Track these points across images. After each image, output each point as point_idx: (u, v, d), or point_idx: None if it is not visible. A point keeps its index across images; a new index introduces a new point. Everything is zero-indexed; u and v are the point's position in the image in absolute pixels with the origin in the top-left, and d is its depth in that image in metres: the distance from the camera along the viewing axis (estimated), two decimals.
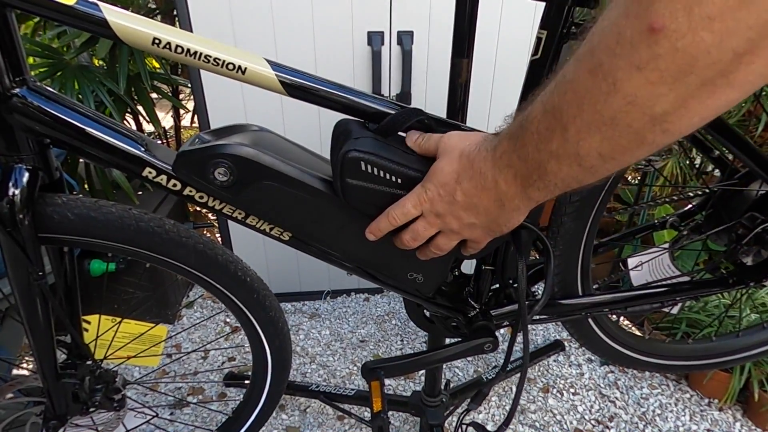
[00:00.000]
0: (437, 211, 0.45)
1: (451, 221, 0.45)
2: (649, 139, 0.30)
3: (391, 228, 0.49)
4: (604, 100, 0.29)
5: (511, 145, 0.38)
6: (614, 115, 0.29)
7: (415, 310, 0.74)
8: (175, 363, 1.48)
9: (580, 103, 0.30)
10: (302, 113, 1.37)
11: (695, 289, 0.63)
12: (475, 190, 0.42)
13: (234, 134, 0.51)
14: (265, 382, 0.76)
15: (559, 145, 0.33)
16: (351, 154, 0.46)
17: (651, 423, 1.30)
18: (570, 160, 0.33)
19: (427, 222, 0.47)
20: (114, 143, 0.48)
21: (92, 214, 0.53)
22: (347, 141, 0.48)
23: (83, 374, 0.62)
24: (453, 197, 0.43)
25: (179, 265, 0.60)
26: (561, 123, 0.32)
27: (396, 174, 0.48)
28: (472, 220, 0.44)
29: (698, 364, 0.76)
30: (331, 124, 0.54)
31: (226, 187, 0.49)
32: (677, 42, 0.25)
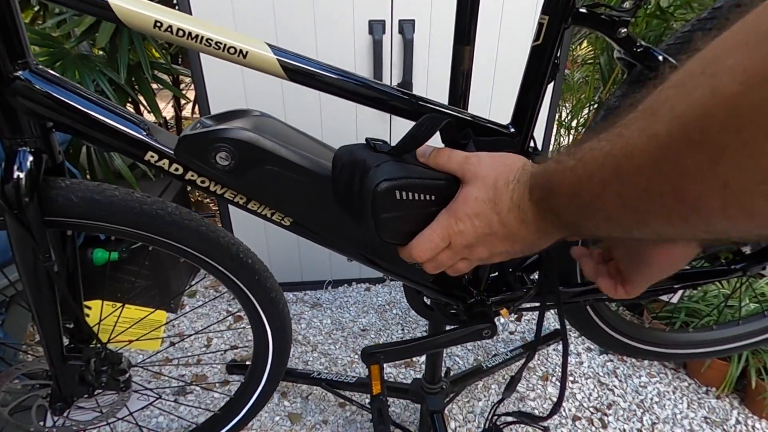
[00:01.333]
0: (468, 242, 0.41)
1: (481, 251, 0.41)
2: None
3: (413, 262, 0.45)
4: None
5: (551, 198, 0.33)
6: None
7: (415, 297, 0.75)
8: (178, 351, 1.49)
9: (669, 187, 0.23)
10: (303, 100, 1.36)
11: (694, 278, 0.64)
12: (516, 222, 0.37)
13: (236, 119, 0.52)
14: (266, 362, 0.77)
15: (619, 221, 0.28)
16: (382, 186, 0.41)
17: (649, 410, 1.31)
18: (623, 230, 0.29)
19: (453, 253, 0.42)
20: (116, 127, 0.49)
21: (96, 197, 0.54)
22: (367, 173, 0.42)
23: (89, 356, 0.63)
24: (490, 228, 0.39)
25: (182, 248, 0.60)
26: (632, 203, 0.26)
27: (430, 191, 0.42)
28: (505, 249, 0.40)
29: (699, 352, 0.77)
30: (332, 110, 0.54)
31: (227, 171, 0.49)
32: None
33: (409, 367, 1.45)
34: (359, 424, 1.25)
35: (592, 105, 2.12)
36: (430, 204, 0.43)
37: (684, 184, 0.23)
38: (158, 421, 1.20)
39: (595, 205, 0.29)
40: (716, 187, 0.21)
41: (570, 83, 2.36)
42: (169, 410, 1.23)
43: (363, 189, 0.42)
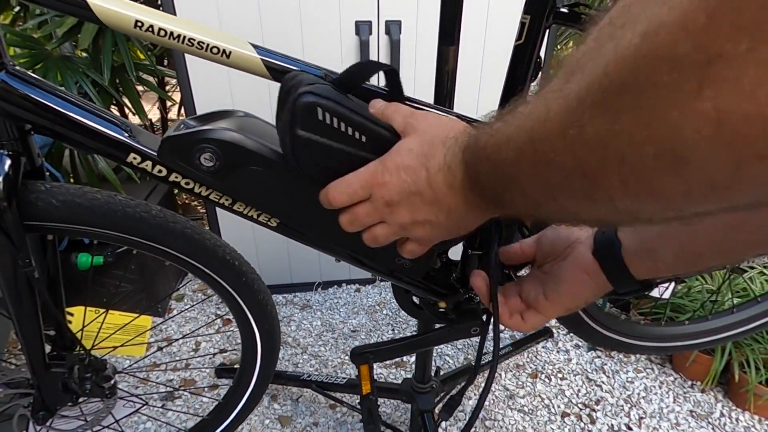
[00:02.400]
0: (390, 197, 0.37)
1: (402, 214, 0.37)
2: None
3: (329, 207, 0.42)
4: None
5: (477, 163, 0.31)
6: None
7: (404, 296, 0.75)
8: (166, 355, 1.47)
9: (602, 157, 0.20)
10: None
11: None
12: (444, 185, 0.34)
13: (220, 120, 0.51)
14: (254, 365, 0.76)
15: (546, 200, 0.26)
16: (304, 98, 0.38)
17: (636, 405, 1.33)
18: (559, 210, 0.26)
19: (373, 207, 0.39)
20: (97, 128, 0.48)
21: (77, 200, 0.53)
22: (299, 88, 0.39)
23: (72, 363, 0.62)
24: (416, 186, 0.35)
25: (167, 251, 0.60)
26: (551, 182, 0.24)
27: (362, 130, 0.39)
28: (428, 217, 0.36)
29: (695, 343, 0.78)
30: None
31: (212, 172, 0.49)
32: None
33: (400, 367, 1.45)
34: (350, 425, 1.25)
35: None
36: (361, 146, 0.40)
37: (586, 155, 0.21)
38: (146, 427, 1.18)
39: (511, 174, 0.27)
40: (614, 160, 0.19)
41: None
42: (157, 416, 1.21)
43: (287, 101, 0.39)
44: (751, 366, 1.26)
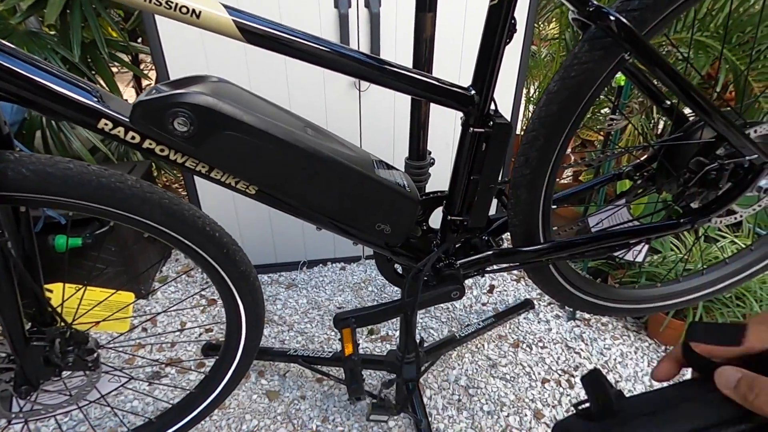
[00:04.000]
0: None
1: None
2: None
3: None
4: None
5: None
6: None
7: (386, 265, 0.76)
8: (152, 336, 1.47)
9: None
10: (269, 71, 1.32)
11: (647, 233, 0.67)
12: None
13: (194, 84, 0.51)
14: (239, 337, 0.77)
15: None
16: None
17: (612, 370, 1.39)
18: None
19: None
20: (65, 93, 0.47)
21: (48, 170, 0.52)
22: None
23: (53, 337, 0.62)
24: None
25: (145, 222, 0.59)
26: None
27: None
28: None
29: (667, 304, 0.81)
30: (299, 79, 0.53)
31: (186, 138, 0.48)
32: None
33: (385, 341, 1.48)
34: (337, 397, 1.27)
35: None
36: None
37: None
38: (132, 405, 1.19)
39: None
40: None
41: (537, 60, 2.39)
42: (144, 394, 1.22)
43: None
44: None
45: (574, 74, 0.55)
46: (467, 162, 0.60)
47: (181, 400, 0.87)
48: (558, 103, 0.57)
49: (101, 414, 1.15)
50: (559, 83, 0.56)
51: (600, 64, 0.54)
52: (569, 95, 0.56)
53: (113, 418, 1.14)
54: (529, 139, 0.61)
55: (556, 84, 0.57)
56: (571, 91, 0.56)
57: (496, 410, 1.24)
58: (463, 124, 0.59)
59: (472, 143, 0.58)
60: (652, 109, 1.38)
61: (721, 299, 1.36)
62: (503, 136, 0.57)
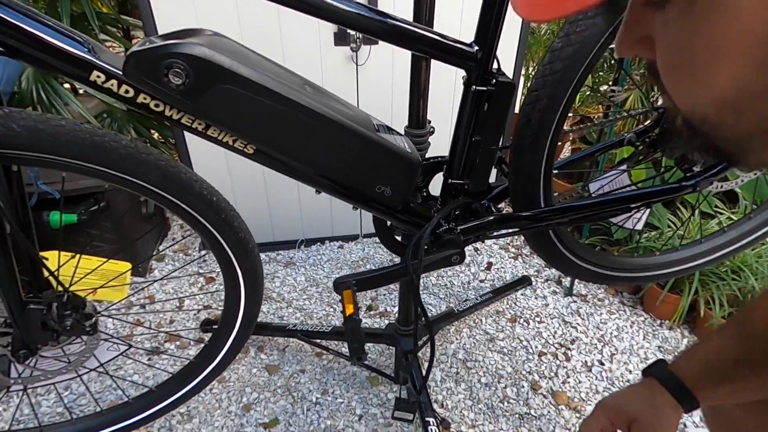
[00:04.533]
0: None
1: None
2: None
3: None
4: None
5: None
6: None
7: (386, 232, 0.75)
8: (151, 314, 1.47)
9: None
10: (261, 36, 1.28)
11: (648, 197, 0.67)
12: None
13: (188, 37, 0.49)
14: (238, 306, 0.77)
15: None
16: None
17: (609, 344, 1.40)
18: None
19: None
20: (55, 44, 0.45)
21: (41, 126, 0.50)
22: None
23: (50, 300, 0.61)
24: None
25: (140, 184, 0.58)
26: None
27: None
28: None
29: (666, 272, 0.82)
30: (294, 49, 0.51)
31: (182, 91, 0.47)
32: None
33: (384, 316, 1.48)
34: (336, 371, 1.28)
35: None
36: None
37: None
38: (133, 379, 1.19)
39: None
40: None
41: (537, 37, 2.36)
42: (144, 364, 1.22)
43: None
44: (715, 303, 1.33)
45: (579, 29, 0.54)
46: (468, 123, 0.59)
47: (182, 368, 0.87)
48: (562, 60, 0.56)
49: (102, 387, 1.15)
50: (564, 40, 0.55)
51: (607, 18, 0.53)
52: (574, 52, 0.55)
53: (114, 391, 1.14)
54: (531, 100, 0.60)
55: (561, 41, 0.55)
56: (575, 48, 0.55)
57: (493, 382, 1.26)
58: (465, 83, 0.58)
59: (474, 102, 0.57)
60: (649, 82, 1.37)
61: (718, 273, 1.37)
62: (506, 95, 0.56)
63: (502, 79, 0.55)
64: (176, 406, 0.87)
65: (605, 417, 0.57)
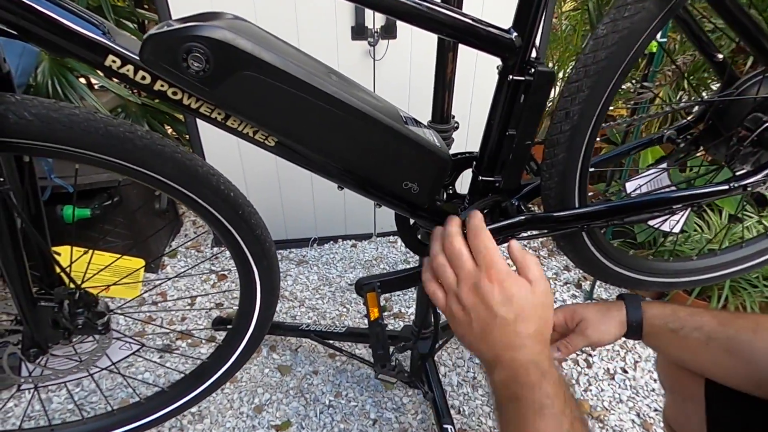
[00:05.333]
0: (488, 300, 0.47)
1: (473, 304, 0.48)
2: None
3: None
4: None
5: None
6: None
7: (408, 231, 0.72)
8: (162, 311, 1.45)
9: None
10: (277, 28, 1.26)
11: (696, 198, 0.62)
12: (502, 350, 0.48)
13: (209, 20, 0.46)
14: (254, 306, 0.74)
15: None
16: None
17: (631, 351, 1.35)
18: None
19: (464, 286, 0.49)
20: (69, 26, 0.42)
21: (53, 115, 0.48)
22: None
23: (61, 298, 0.59)
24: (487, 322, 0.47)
25: (155, 177, 0.55)
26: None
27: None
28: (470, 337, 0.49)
29: (704, 278, 0.77)
30: (310, 40, 0.47)
31: (202, 78, 0.44)
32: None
33: (399, 318, 1.45)
34: (350, 373, 1.25)
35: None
36: None
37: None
38: (144, 378, 1.17)
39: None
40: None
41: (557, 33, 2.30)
42: (156, 363, 1.20)
43: None
44: (746, 311, 1.27)
45: (627, 14, 0.50)
46: (503, 115, 0.55)
47: (195, 369, 0.84)
48: (606, 49, 0.52)
49: (113, 385, 1.14)
50: (610, 26, 0.51)
51: (657, 3, 0.49)
52: (620, 39, 0.51)
53: (125, 389, 1.13)
54: (570, 91, 0.56)
55: (606, 27, 0.51)
56: (622, 35, 0.51)
57: None
58: (500, 72, 0.54)
59: (509, 94, 0.53)
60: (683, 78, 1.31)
61: (749, 279, 1.31)
62: (545, 85, 0.52)
63: (542, 68, 0.51)
64: (189, 406, 0.85)
65: (561, 314, 0.65)
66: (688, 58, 1.20)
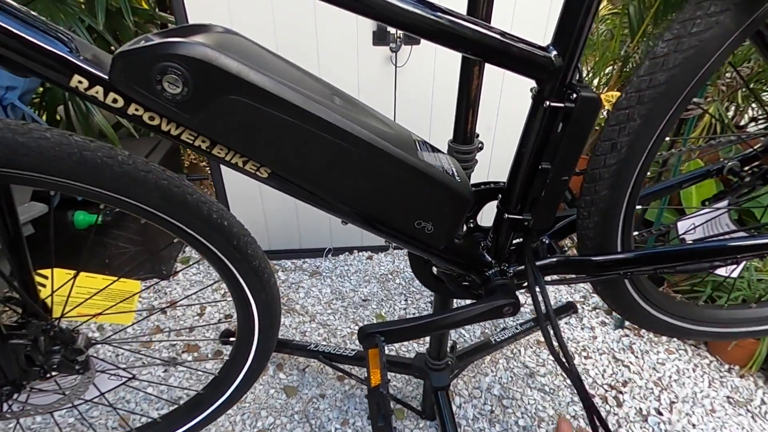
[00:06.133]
0: None
1: None
2: None
3: None
4: None
5: None
6: None
7: (422, 266, 0.64)
8: (170, 320, 1.42)
9: None
10: (296, 33, 1.19)
11: (764, 248, 0.52)
12: None
13: (192, 34, 0.39)
14: (251, 339, 0.68)
15: None
16: None
17: (667, 389, 1.23)
18: None
19: None
20: (27, 39, 0.36)
21: (20, 139, 0.42)
22: None
23: (34, 334, 0.54)
24: None
25: (138, 206, 0.49)
26: None
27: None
28: None
29: (758, 330, 0.66)
30: (330, 51, 0.41)
31: (179, 102, 0.38)
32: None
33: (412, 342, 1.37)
34: (358, 398, 1.18)
35: (617, 61, 1.94)
36: None
37: None
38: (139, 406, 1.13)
39: None
40: None
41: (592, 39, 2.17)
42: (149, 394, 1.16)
43: None
44: None
45: (695, 30, 0.41)
46: (536, 145, 0.47)
47: (189, 401, 0.79)
48: (667, 71, 0.43)
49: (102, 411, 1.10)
50: (672, 44, 0.42)
51: (735, 16, 0.40)
52: (685, 60, 0.42)
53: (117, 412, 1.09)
54: (619, 119, 0.47)
55: (668, 45, 0.42)
56: (687, 55, 0.42)
57: (533, 426, 1.12)
58: (535, 97, 0.45)
59: (545, 121, 0.45)
60: (737, 92, 1.18)
61: None
62: (589, 114, 0.44)
63: (586, 93, 0.43)
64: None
65: None
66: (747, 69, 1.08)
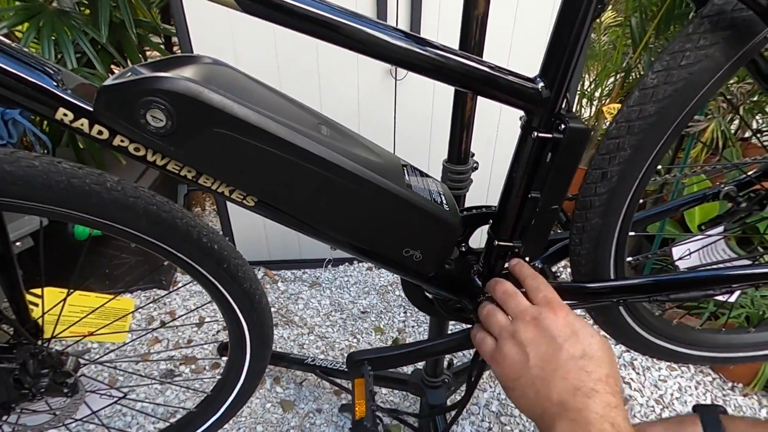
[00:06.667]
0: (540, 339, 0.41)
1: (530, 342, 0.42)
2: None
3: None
4: None
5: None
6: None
7: (414, 290, 0.63)
8: (168, 331, 1.42)
9: None
10: (298, 50, 1.21)
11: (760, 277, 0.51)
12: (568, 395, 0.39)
13: (179, 67, 0.40)
14: (243, 359, 0.67)
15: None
16: None
17: (669, 407, 1.21)
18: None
19: (511, 327, 0.44)
20: (11, 71, 0.37)
21: (7, 167, 0.42)
22: None
23: (22, 357, 0.54)
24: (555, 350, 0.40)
25: (128, 231, 0.49)
26: None
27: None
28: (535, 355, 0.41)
29: (758, 355, 0.65)
30: (331, 64, 0.41)
31: (164, 135, 0.38)
32: None
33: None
34: None
35: (619, 73, 1.94)
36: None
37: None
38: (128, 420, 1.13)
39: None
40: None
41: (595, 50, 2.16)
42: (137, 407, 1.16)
43: None
44: None
45: (685, 63, 0.40)
46: (525, 174, 0.47)
47: (181, 418, 0.78)
48: (656, 102, 0.42)
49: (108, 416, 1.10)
50: (662, 75, 0.42)
51: (725, 49, 0.39)
52: (675, 92, 0.41)
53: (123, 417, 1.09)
54: (609, 149, 0.46)
55: (657, 76, 0.42)
56: (677, 87, 0.41)
57: None
58: (524, 126, 0.45)
59: (534, 151, 0.45)
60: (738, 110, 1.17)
61: None
62: (578, 144, 0.43)
63: (574, 124, 0.42)
64: None
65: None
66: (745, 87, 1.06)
